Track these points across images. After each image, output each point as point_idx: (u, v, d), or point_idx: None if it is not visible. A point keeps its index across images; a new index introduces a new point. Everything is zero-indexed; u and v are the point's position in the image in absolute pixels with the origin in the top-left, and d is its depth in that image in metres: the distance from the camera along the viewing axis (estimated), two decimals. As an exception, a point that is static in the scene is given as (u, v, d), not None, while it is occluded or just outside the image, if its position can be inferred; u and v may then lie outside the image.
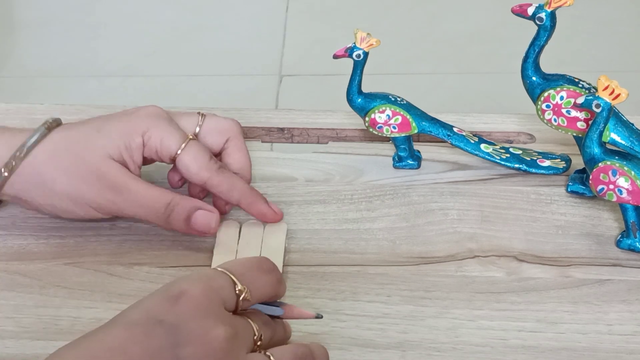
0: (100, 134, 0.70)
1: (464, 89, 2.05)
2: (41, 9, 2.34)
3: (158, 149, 0.71)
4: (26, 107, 0.89)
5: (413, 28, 2.26)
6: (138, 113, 0.72)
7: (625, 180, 0.69)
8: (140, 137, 0.71)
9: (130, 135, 0.70)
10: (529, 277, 0.70)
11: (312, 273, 0.70)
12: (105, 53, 2.20)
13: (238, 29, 2.28)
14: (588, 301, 0.67)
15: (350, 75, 0.78)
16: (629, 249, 0.72)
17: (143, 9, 2.35)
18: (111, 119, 0.72)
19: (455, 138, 0.79)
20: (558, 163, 0.79)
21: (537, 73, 0.76)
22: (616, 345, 0.64)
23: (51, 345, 0.64)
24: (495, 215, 0.75)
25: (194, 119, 0.75)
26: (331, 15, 2.30)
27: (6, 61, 2.19)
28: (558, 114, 0.76)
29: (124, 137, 0.70)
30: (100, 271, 0.70)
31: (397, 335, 0.65)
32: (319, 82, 2.06)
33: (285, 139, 0.85)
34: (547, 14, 0.74)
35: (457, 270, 0.70)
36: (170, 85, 2.09)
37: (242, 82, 2.10)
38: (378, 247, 0.72)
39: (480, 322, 0.66)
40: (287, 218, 0.75)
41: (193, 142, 0.72)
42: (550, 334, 0.65)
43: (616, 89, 0.68)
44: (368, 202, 0.77)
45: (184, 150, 0.71)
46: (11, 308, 0.66)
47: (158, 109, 0.73)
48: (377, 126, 0.78)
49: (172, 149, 0.71)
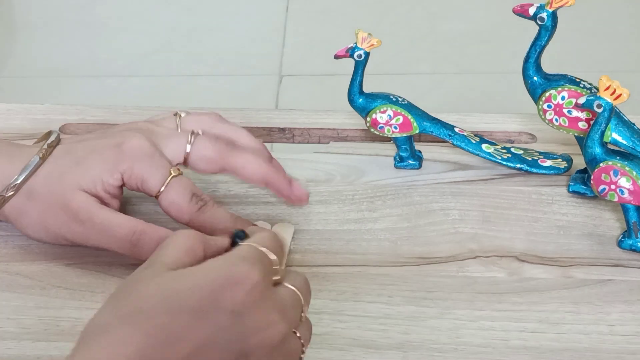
0: (78, 168, 0.69)
1: (465, 89, 2.05)
2: (41, 9, 2.34)
3: (140, 187, 0.70)
4: (26, 107, 0.89)
5: (413, 28, 2.26)
6: (123, 147, 0.69)
7: (626, 181, 0.69)
8: (119, 174, 0.69)
9: (110, 172, 0.69)
10: (530, 277, 0.70)
11: (314, 274, 0.70)
12: (105, 53, 2.20)
13: (238, 29, 2.28)
14: (590, 301, 0.67)
15: (351, 76, 0.78)
16: (631, 249, 0.72)
17: (143, 9, 2.36)
18: (96, 150, 0.70)
19: (456, 138, 0.79)
20: (559, 163, 0.79)
21: (539, 73, 0.76)
22: (618, 346, 0.64)
23: (52, 346, 0.64)
24: (496, 215, 0.75)
25: (182, 141, 0.72)
26: (331, 15, 2.30)
27: (6, 61, 2.19)
28: (559, 114, 0.76)
29: (102, 173, 0.69)
30: (101, 272, 0.70)
31: (398, 335, 0.65)
32: (319, 82, 2.06)
33: (286, 139, 0.85)
34: (548, 14, 0.74)
35: (458, 270, 0.70)
36: (170, 85, 2.09)
37: (242, 82, 2.10)
38: (379, 247, 0.72)
39: (482, 323, 0.66)
40: (288, 218, 0.75)
41: (174, 181, 0.69)
42: (552, 335, 0.65)
43: (617, 89, 0.68)
44: (369, 202, 0.77)
45: (163, 192, 0.69)
46: (12, 309, 0.66)
47: (143, 143, 0.70)
48: (378, 126, 0.78)
49: (153, 190, 0.69)
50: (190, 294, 0.54)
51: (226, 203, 0.76)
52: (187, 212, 0.69)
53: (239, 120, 0.86)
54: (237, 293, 0.54)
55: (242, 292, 0.54)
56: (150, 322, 0.53)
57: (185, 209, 0.69)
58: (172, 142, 0.72)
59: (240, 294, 0.54)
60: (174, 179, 0.69)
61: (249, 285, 0.55)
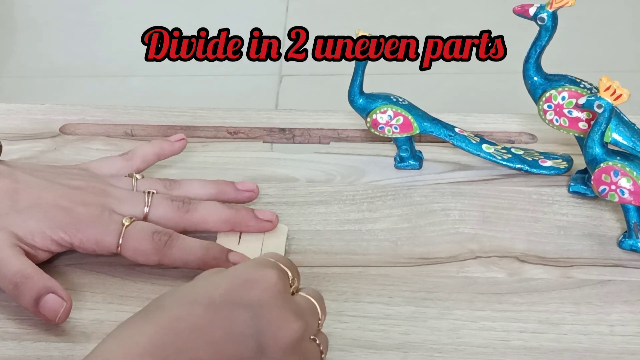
0: (17, 215, 0.67)
1: (465, 89, 2.05)
2: (41, 9, 2.34)
3: (96, 250, 0.68)
4: (26, 107, 0.89)
5: (413, 28, 2.26)
6: (71, 213, 0.67)
7: (627, 181, 0.69)
8: (64, 236, 0.67)
9: (52, 229, 0.67)
10: (530, 277, 0.70)
11: (314, 274, 0.70)
12: (105, 53, 2.20)
13: (238, 29, 2.27)
14: (590, 302, 0.67)
15: (351, 76, 0.78)
16: (631, 250, 0.72)
17: (143, 9, 2.35)
18: (40, 205, 0.67)
19: (456, 138, 0.79)
20: (560, 163, 0.79)
21: (539, 73, 0.76)
22: (618, 346, 0.64)
23: (52, 346, 0.64)
24: (496, 215, 0.75)
25: (140, 202, 0.70)
26: (331, 15, 2.30)
27: (6, 61, 2.19)
28: (560, 114, 0.76)
29: (44, 228, 0.67)
30: (101, 272, 0.70)
31: (399, 336, 0.65)
32: (319, 82, 2.06)
33: (286, 139, 0.85)
34: (548, 14, 0.74)
35: (458, 271, 0.70)
36: (170, 85, 2.09)
37: (242, 82, 2.10)
38: (380, 248, 0.72)
39: (482, 323, 0.66)
40: (288, 219, 0.75)
41: (129, 229, 0.67)
42: (552, 335, 0.65)
43: (618, 89, 0.68)
44: (370, 202, 0.77)
45: (122, 245, 0.67)
46: (13, 309, 0.66)
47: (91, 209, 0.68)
48: (378, 127, 0.78)
49: (112, 247, 0.67)
50: (206, 290, 0.55)
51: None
52: (153, 252, 0.67)
53: (239, 120, 0.86)
54: (253, 291, 0.55)
55: (258, 290, 0.55)
56: (164, 315, 0.53)
57: (151, 250, 0.67)
58: (128, 203, 0.70)
59: (256, 291, 0.55)
60: (128, 228, 0.68)
61: (265, 284, 0.55)
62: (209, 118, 0.87)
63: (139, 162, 0.76)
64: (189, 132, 0.85)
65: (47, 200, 0.68)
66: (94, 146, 0.83)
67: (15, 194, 0.68)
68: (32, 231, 0.67)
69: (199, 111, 0.88)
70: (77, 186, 0.70)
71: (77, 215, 0.68)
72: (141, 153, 0.76)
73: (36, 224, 0.67)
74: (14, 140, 0.84)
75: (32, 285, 0.64)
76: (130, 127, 0.85)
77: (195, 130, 0.86)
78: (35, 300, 0.64)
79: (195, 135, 0.85)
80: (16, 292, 0.65)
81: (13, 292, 0.65)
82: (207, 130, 0.86)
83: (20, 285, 0.65)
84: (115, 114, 0.88)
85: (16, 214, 0.67)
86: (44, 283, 0.65)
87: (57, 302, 0.64)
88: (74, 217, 0.67)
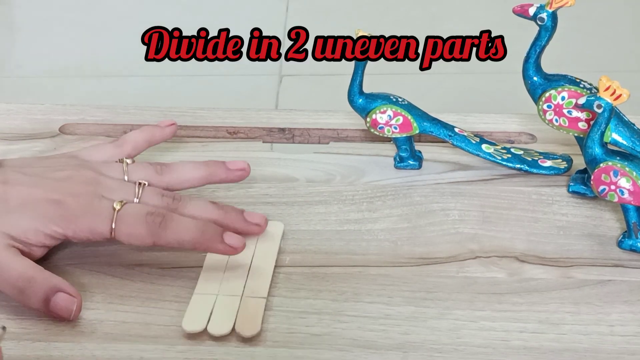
0: (8, 216, 0.67)
1: (465, 89, 2.05)
2: (41, 9, 2.34)
3: (91, 238, 0.68)
4: (26, 107, 0.89)
5: (413, 28, 2.26)
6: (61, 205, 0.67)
7: (626, 181, 0.69)
8: (57, 229, 0.67)
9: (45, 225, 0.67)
10: (530, 277, 0.70)
11: (314, 274, 0.70)
12: (105, 53, 2.20)
13: (238, 29, 2.27)
14: (590, 302, 0.67)
15: (351, 76, 0.78)
16: (631, 250, 0.72)
17: (143, 9, 2.35)
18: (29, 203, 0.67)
19: (456, 138, 0.79)
20: (559, 163, 0.79)
21: (539, 73, 0.76)
22: (618, 346, 0.64)
23: (52, 346, 0.64)
24: (496, 215, 0.75)
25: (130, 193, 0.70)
26: (331, 15, 2.30)
27: (6, 61, 2.19)
28: (559, 114, 0.76)
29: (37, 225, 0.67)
30: (101, 272, 0.70)
31: (398, 336, 0.65)
32: (319, 82, 2.06)
33: (286, 139, 0.85)
34: (548, 14, 0.74)
35: (458, 271, 0.70)
36: (170, 85, 2.09)
37: (242, 82, 2.10)
38: (379, 247, 0.72)
39: (482, 323, 0.66)
40: (288, 219, 0.75)
41: (120, 213, 0.67)
42: (552, 335, 0.65)
43: (617, 89, 0.68)
44: (369, 202, 0.77)
45: (115, 229, 0.67)
46: (13, 309, 0.66)
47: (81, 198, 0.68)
48: (378, 126, 0.78)
49: (106, 233, 0.67)
50: None
51: (226, 204, 0.76)
52: (147, 234, 0.67)
53: (239, 120, 0.86)
54: None
55: None
56: None
57: (145, 232, 0.67)
58: (119, 192, 0.70)
59: None
60: (120, 212, 0.67)
61: None
62: (209, 118, 0.87)
63: (130, 149, 0.76)
64: (189, 132, 0.85)
65: (37, 196, 0.68)
66: (94, 146, 0.83)
67: (5, 194, 0.68)
68: (25, 230, 0.67)
69: (199, 111, 0.88)
70: (66, 176, 0.70)
71: (68, 206, 0.67)
72: (132, 139, 0.76)
73: (28, 222, 0.67)
74: (13, 140, 0.84)
75: (37, 288, 0.65)
76: (130, 127, 0.85)
77: (195, 130, 0.86)
78: (45, 302, 0.64)
79: (195, 135, 0.85)
80: (22, 297, 0.65)
81: (19, 297, 0.65)
82: (207, 130, 0.86)
83: (25, 290, 0.65)
84: (115, 114, 0.88)
85: (7, 215, 0.67)
86: (49, 283, 0.65)
87: (67, 299, 0.65)
88: (65, 209, 0.67)
